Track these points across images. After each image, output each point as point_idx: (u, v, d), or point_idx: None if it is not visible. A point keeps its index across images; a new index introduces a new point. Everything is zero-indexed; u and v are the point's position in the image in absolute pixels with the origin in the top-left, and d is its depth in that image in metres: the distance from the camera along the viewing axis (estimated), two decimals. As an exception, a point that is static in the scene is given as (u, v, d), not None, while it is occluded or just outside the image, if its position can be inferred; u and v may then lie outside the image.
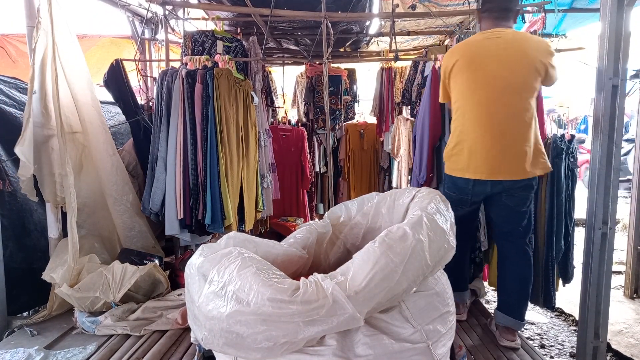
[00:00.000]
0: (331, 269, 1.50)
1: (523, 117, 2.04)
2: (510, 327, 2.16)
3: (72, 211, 2.36)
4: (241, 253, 1.42)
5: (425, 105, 2.97)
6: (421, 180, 3.00)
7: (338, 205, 2.10)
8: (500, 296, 2.29)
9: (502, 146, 2.03)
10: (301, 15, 3.34)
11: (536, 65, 2.03)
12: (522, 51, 2.04)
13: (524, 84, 2.04)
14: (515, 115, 2.05)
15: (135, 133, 3.25)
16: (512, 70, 2.04)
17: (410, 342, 1.40)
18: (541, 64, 2.03)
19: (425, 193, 1.73)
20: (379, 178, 5.57)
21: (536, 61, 2.03)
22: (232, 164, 2.82)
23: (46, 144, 2.45)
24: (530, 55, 2.03)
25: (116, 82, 3.19)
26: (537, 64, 2.03)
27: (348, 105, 5.45)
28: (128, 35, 4.17)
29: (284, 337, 1.24)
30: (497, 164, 2.05)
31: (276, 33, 4.52)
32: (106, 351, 2.07)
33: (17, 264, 2.53)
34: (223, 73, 2.75)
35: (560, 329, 3.34)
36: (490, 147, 2.05)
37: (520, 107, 2.04)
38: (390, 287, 1.32)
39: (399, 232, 1.41)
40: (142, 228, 2.91)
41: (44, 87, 2.40)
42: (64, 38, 2.50)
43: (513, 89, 2.04)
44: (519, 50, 2.04)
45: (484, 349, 2.14)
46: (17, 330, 2.31)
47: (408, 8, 3.51)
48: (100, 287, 2.30)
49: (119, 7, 3.57)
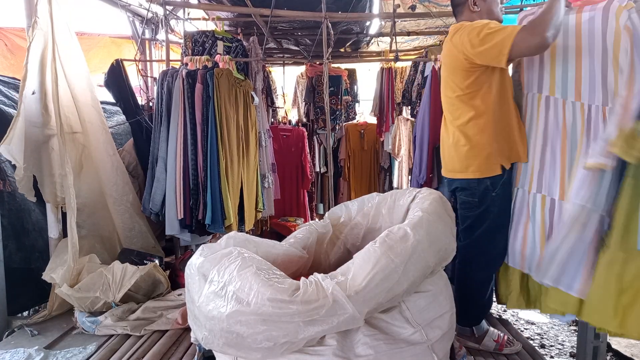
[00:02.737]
0: (331, 269, 1.50)
1: (449, 117, 2.06)
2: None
3: (72, 211, 2.36)
4: (241, 253, 1.42)
5: (425, 105, 2.97)
6: (421, 180, 3.00)
7: (338, 205, 2.10)
8: None
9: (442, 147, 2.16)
10: (301, 15, 3.34)
11: (455, 62, 1.93)
12: (447, 49, 2.00)
13: (445, 84, 2.05)
14: (444, 117, 2.13)
15: (135, 133, 3.25)
16: (443, 71, 2.07)
17: (411, 342, 1.40)
18: (458, 56, 1.89)
19: (426, 194, 1.73)
20: (380, 178, 5.57)
21: (454, 57, 1.92)
22: (232, 164, 2.82)
23: (46, 144, 2.45)
24: (451, 50, 1.95)
25: (116, 82, 3.20)
26: (455, 61, 1.92)
27: (348, 105, 5.45)
28: (128, 35, 4.17)
29: (284, 337, 1.24)
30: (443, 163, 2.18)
31: (276, 33, 4.52)
32: (106, 351, 2.07)
33: (16, 264, 2.53)
34: (223, 73, 2.75)
35: (560, 329, 3.34)
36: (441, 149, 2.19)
37: (446, 109, 2.09)
38: (390, 287, 1.32)
39: (400, 232, 1.41)
40: (142, 228, 2.91)
41: (43, 87, 2.39)
42: (64, 38, 2.50)
43: (443, 92, 2.09)
44: (446, 47, 2.02)
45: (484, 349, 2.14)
46: (17, 330, 2.31)
47: (408, 8, 3.51)
48: (100, 287, 2.29)
49: (119, 7, 3.57)
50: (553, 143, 1.85)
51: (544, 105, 1.89)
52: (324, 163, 5.38)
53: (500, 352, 2.06)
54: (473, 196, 1.97)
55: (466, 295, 2.04)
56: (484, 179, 1.94)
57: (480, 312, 2.11)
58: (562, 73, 1.82)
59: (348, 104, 5.43)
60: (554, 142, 1.85)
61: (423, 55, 4.49)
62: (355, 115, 5.66)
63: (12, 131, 2.26)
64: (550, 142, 1.86)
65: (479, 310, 2.11)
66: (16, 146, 2.27)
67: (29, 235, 2.64)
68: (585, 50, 1.73)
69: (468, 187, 1.99)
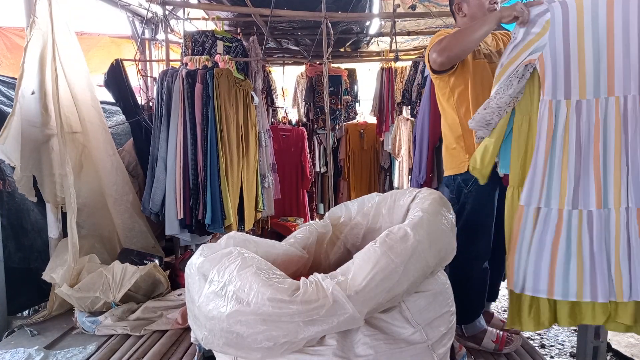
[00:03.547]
0: (331, 269, 1.50)
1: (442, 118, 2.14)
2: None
3: (72, 211, 2.36)
4: (241, 253, 1.42)
5: (425, 105, 2.97)
6: (421, 180, 3.00)
7: (338, 205, 2.10)
8: None
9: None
10: (301, 15, 3.34)
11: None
12: None
13: (431, 87, 2.11)
14: None
15: (135, 133, 3.26)
16: None
17: (411, 342, 1.40)
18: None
19: (427, 194, 1.73)
20: (380, 178, 5.57)
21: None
22: (232, 163, 2.82)
23: (46, 144, 2.45)
24: None
25: (116, 82, 3.20)
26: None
27: (348, 105, 5.45)
28: (128, 35, 4.17)
29: (284, 337, 1.24)
30: None
31: (276, 33, 4.52)
32: (106, 351, 2.07)
33: (16, 264, 2.53)
34: (223, 73, 2.75)
35: (560, 329, 3.34)
36: None
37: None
38: (390, 287, 1.32)
39: (400, 232, 1.41)
40: (142, 228, 2.91)
41: (43, 87, 2.39)
42: (64, 37, 2.50)
43: None
44: None
45: (483, 349, 2.14)
46: (17, 330, 2.31)
47: (408, 8, 3.51)
48: (100, 287, 2.29)
49: (119, 7, 3.57)
50: (586, 152, 1.64)
51: (574, 112, 1.64)
52: (324, 163, 5.38)
53: (500, 352, 2.06)
54: (452, 193, 2.07)
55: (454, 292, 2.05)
56: (456, 176, 2.03)
57: (468, 309, 2.07)
58: (594, 69, 1.61)
59: (348, 104, 5.43)
60: (587, 150, 1.63)
61: (423, 55, 4.49)
62: (355, 115, 5.66)
63: (6, 130, 2.23)
64: (583, 151, 1.64)
65: (467, 308, 2.04)
66: (11, 146, 2.24)
67: (28, 235, 2.64)
68: (618, 35, 1.56)
69: (448, 184, 2.11)
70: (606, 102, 1.61)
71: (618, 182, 1.61)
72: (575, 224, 1.66)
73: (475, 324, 2.09)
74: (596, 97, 1.63)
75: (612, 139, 1.61)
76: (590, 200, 1.64)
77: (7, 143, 2.23)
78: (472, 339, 2.08)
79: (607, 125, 1.61)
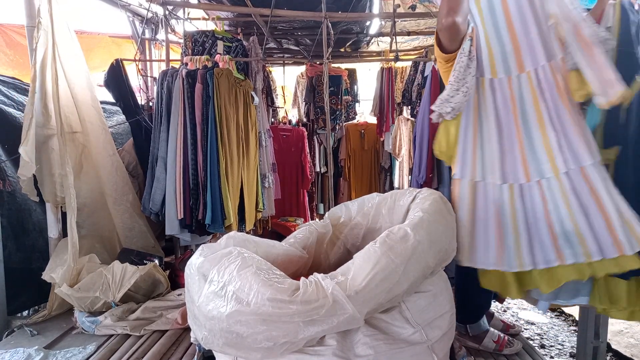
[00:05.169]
0: (331, 269, 1.50)
1: None
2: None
3: (72, 211, 2.36)
4: (241, 253, 1.42)
5: (426, 105, 2.96)
6: (421, 180, 3.00)
7: (338, 205, 2.10)
8: None
9: None
10: (301, 15, 3.34)
11: None
12: None
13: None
14: None
15: (135, 133, 3.25)
16: None
17: (411, 343, 1.40)
18: None
19: (427, 194, 1.73)
20: (380, 178, 5.57)
21: None
22: (232, 163, 2.82)
23: (46, 144, 2.45)
24: None
25: (116, 82, 3.20)
26: None
27: (348, 105, 5.45)
28: (128, 35, 4.17)
29: (284, 337, 1.24)
30: None
31: (276, 33, 4.52)
32: (106, 351, 2.07)
33: (16, 264, 2.53)
34: (223, 73, 2.75)
35: (560, 329, 3.35)
36: None
37: None
38: (390, 287, 1.32)
39: (400, 232, 1.41)
40: (142, 228, 2.91)
41: (43, 87, 2.39)
42: (64, 38, 2.50)
43: None
44: None
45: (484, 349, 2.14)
46: (16, 330, 2.31)
47: (408, 8, 3.52)
48: (100, 287, 2.29)
49: (119, 7, 3.57)
50: (507, 128, 1.71)
51: (489, 90, 1.74)
52: (324, 163, 5.38)
53: (500, 352, 2.06)
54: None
55: (460, 290, 2.04)
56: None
57: (473, 309, 2.09)
58: (501, 51, 1.70)
59: (348, 104, 5.43)
60: (508, 127, 1.71)
61: (423, 55, 4.50)
62: (355, 115, 5.66)
63: (28, 132, 2.28)
64: (505, 127, 1.71)
65: (472, 307, 2.09)
66: (31, 147, 2.28)
67: (28, 235, 2.64)
68: (515, 18, 1.67)
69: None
70: (519, 80, 1.69)
71: (550, 151, 1.65)
72: (507, 198, 1.70)
73: (479, 323, 2.09)
74: (508, 75, 1.71)
75: (532, 112, 1.67)
76: (519, 174, 1.69)
77: (28, 145, 2.27)
78: (473, 339, 2.08)
79: (524, 101, 1.68)
